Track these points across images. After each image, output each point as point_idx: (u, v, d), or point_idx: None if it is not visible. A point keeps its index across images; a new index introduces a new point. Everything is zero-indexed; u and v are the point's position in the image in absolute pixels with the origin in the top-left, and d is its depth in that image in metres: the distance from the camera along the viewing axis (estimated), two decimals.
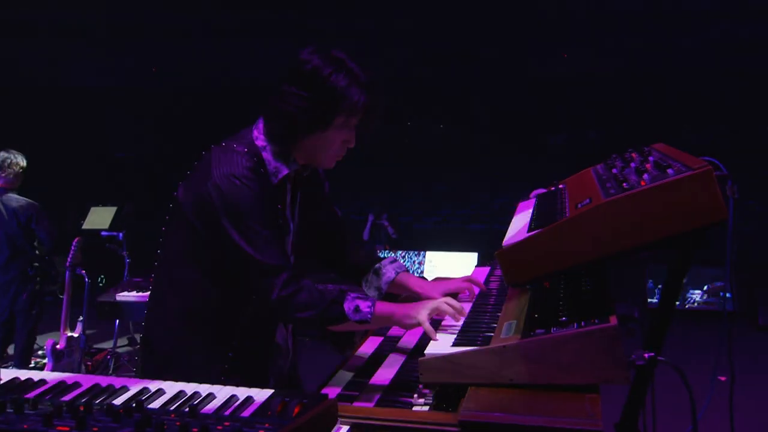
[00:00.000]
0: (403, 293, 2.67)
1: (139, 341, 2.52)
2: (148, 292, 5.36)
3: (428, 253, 6.45)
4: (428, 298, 2.58)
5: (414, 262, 6.49)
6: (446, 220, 8.64)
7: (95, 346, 7.37)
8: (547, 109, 8.62)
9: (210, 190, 2.19)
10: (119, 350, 7.10)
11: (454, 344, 2.10)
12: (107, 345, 7.33)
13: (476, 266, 3.33)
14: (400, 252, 6.52)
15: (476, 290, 2.75)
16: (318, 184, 2.65)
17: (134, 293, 5.81)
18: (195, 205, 2.24)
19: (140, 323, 2.52)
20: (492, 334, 2.12)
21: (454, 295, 2.65)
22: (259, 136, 2.34)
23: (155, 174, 9.40)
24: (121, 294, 5.82)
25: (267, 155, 2.32)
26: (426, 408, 1.99)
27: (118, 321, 6.77)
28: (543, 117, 8.69)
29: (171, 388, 1.75)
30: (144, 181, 9.93)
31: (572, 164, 3.05)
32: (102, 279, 9.83)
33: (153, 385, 1.76)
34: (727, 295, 2.03)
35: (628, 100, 8.41)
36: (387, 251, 6.37)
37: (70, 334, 5.95)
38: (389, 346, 2.59)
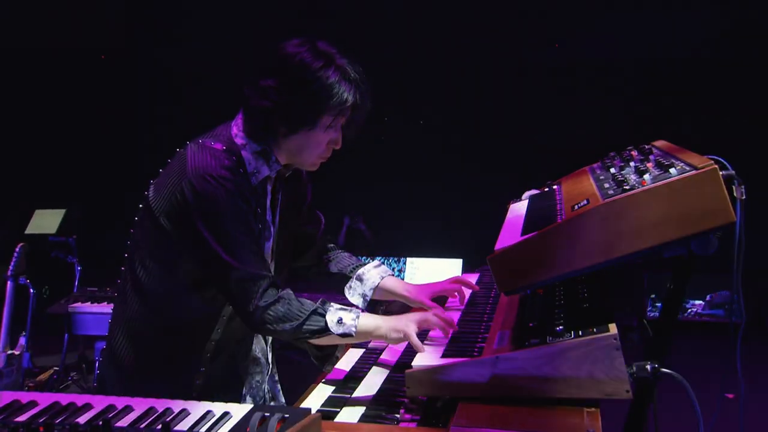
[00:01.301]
0: (390, 299, 2.71)
1: (99, 355, 2.54)
2: (104, 303, 5.37)
3: (409, 260, 6.48)
4: (417, 301, 2.63)
5: (394, 269, 6.52)
6: (428, 223, 8.67)
7: (39, 365, 7.30)
8: (538, 103, 8.67)
9: (183, 189, 2.21)
10: (70, 369, 7.04)
11: (443, 355, 2.14)
12: (53, 363, 7.26)
13: (462, 273, 3.38)
14: (379, 258, 6.55)
15: (467, 292, 2.80)
16: (300, 186, 2.68)
17: (88, 304, 5.77)
18: (166, 206, 2.25)
19: (94, 338, 2.53)
20: (483, 344, 2.16)
21: (443, 298, 2.70)
22: (238, 133, 2.36)
23: (110, 172, 9.31)
24: (73, 305, 5.77)
25: (246, 154, 2.35)
26: (413, 424, 2.02)
27: (67, 336, 6.71)
28: (533, 111, 8.74)
29: (140, 404, 1.77)
30: (97, 179, 9.82)
31: (566, 163, 3.10)
32: (46, 290, 9.71)
33: (120, 402, 1.78)
34: (735, 305, 2.08)
35: (625, 92, 8.47)
36: (364, 258, 6.39)
37: (10, 351, 5.89)
38: (372, 358, 2.62)
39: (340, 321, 2.24)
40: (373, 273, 2.75)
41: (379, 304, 3.06)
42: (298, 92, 2.25)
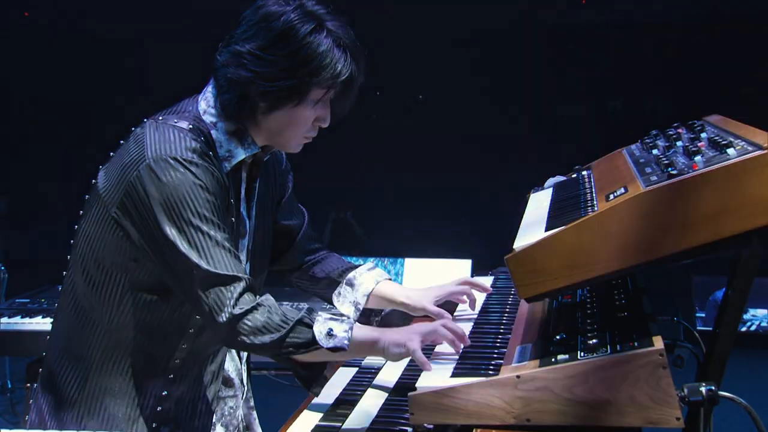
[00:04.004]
0: (387, 307, 2.71)
1: (39, 378, 2.53)
2: (39, 317, 5.36)
3: (408, 261, 6.48)
4: (419, 309, 2.64)
5: (390, 271, 6.52)
6: (430, 217, 8.66)
7: None
8: (560, 72, 8.66)
9: (141, 176, 2.20)
10: None
11: (454, 375, 2.16)
12: None
13: (473, 276, 3.38)
14: (371, 260, 6.54)
15: (479, 296, 2.81)
16: (280, 174, 2.68)
17: (18, 319, 5.74)
18: (120, 197, 2.24)
19: (23, 359, 2.52)
20: (501, 361, 2.17)
21: (451, 304, 2.71)
22: (207, 109, 2.36)
23: (41, 155, 9.26)
24: None
25: (217, 134, 2.34)
26: None
27: None
28: (556, 82, 8.73)
29: None
30: (22, 165, 9.75)
31: (596, 144, 3.11)
32: None
33: None
34: None
35: (669, 57, 8.45)
36: (354, 259, 6.39)
37: None
38: (367, 378, 2.62)
39: (330, 333, 2.23)
40: (367, 277, 2.75)
41: (374, 313, 3.07)
42: (284, 61, 2.24)
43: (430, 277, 6.36)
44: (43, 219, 8.73)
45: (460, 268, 6.25)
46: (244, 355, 2.66)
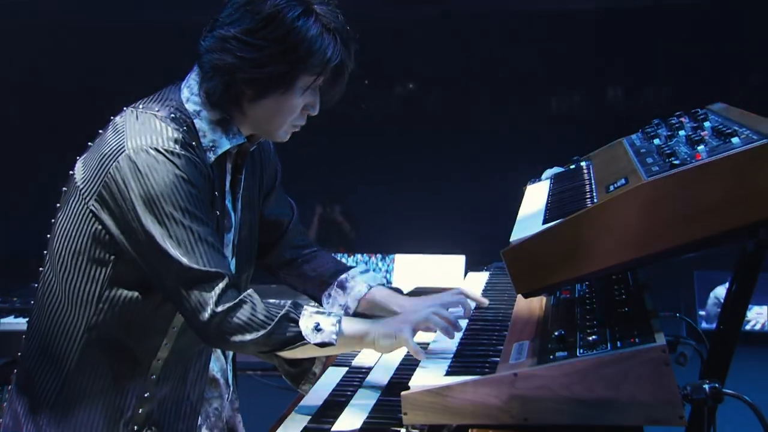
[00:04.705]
0: (378, 313, 2.72)
1: (15, 380, 2.53)
2: (11, 317, 5.36)
3: (398, 257, 6.50)
4: None
5: (380, 268, 6.53)
6: (421, 211, 8.66)
7: None
8: (556, 58, 8.67)
9: (121, 168, 2.20)
10: None
11: (448, 373, 2.16)
12: None
13: (467, 273, 3.40)
14: (359, 256, 6.55)
15: (473, 306, 2.82)
16: (268, 165, 2.68)
17: (12, 319, 5.74)
18: (99, 189, 2.24)
19: None
20: (497, 358, 2.18)
21: None
22: (190, 97, 2.36)
23: (13, 148, 9.22)
24: None
25: (201, 123, 2.35)
26: None
27: None
28: (551, 70, 8.74)
29: None
30: None
31: (596, 133, 3.12)
32: None
33: None
34: None
35: (670, 41, 8.45)
36: (342, 255, 6.41)
37: None
38: (358, 378, 2.64)
39: (317, 327, 2.24)
40: (359, 281, 2.74)
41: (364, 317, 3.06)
42: (271, 47, 2.24)
43: (421, 274, 6.38)
44: (17, 213, 8.69)
45: (453, 264, 6.28)
46: (230, 354, 2.66)
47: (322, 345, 2.25)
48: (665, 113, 2.65)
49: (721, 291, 7.92)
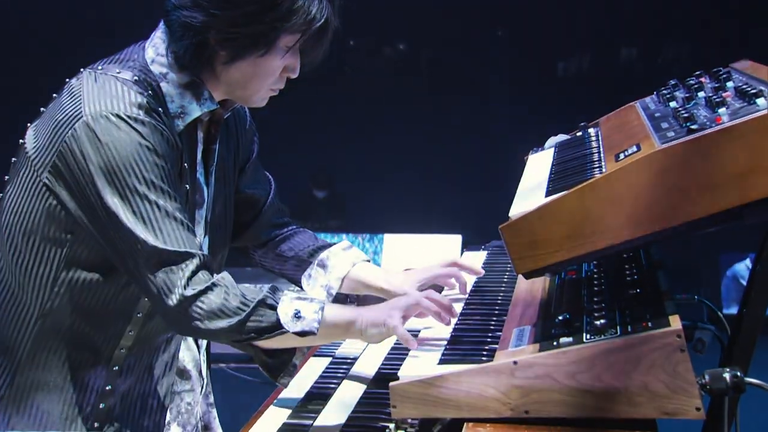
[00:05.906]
0: (363, 292, 2.71)
1: None
2: None
3: (387, 237, 6.51)
4: (400, 295, 2.64)
5: (367, 249, 6.54)
6: (412, 188, 8.66)
7: None
8: (562, 12, 8.65)
9: (78, 136, 2.17)
10: None
11: (441, 362, 2.15)
12: None
13: (463, 253, 3.40)
14: (345, 236, 6.55)
15: (468, 278, 2.81)
16: (243, 133, 2.67)
17: None
18: (53, 160, 2.22)
19: None
20: (496, 345, 2.17)
21: (436, 289, 2.71)
22: (156, 57, 2.34)
23: None
24: None
25: (168, 87, 2.32)
26: None
27: None
28: (555, 29, 8.74)
29: None
30: None
31: (604, 97, 3.11)
32: None
33: None
34: None
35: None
36: (325, 235, 6.40)
37: None
38: (342, 369, 2.64)
39: (297, 315, 2.22)
40: (342, 258, 2.75)
41: (349, 298, 3.07)
42: (249, 4, 2.22)
43: (412, 256, 6.38)
44: None
45: (448, 244, 6.28)
46: (203, 343, 2.65)
47: (302, 334, 2.23)
48: (684, 73, 2.63)
49: (738, 269, 7.90)
